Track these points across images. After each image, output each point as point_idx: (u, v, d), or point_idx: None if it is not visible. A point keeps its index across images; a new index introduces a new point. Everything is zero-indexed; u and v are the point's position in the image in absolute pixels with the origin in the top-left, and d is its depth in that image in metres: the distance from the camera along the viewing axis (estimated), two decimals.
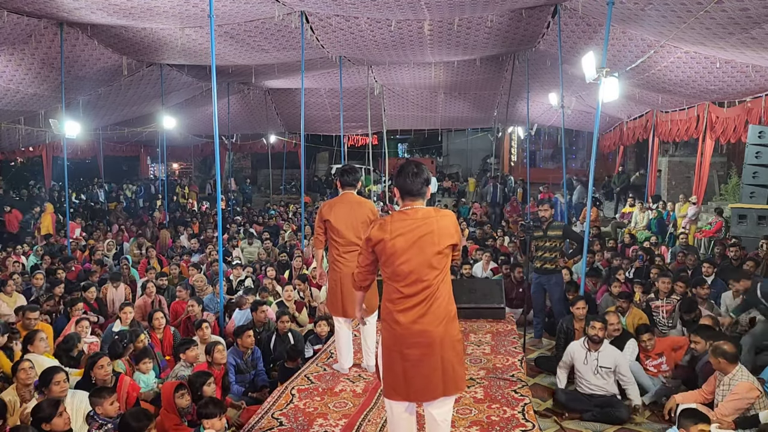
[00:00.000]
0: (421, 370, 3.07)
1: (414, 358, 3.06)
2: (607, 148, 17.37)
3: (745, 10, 5.62)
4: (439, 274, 3.08)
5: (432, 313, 3.06)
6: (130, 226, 14.51)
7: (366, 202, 4.84)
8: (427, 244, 3.03)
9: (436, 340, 3.06)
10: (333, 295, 4.79)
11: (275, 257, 10.32)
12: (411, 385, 3.08)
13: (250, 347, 5.47)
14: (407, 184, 3.08)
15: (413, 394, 3.11)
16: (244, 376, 5.41)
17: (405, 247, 3.03)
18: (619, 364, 5.02)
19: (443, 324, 3.08)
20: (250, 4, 7.98)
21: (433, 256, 3.04)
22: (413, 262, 3.03)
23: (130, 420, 3.63)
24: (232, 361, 5.33)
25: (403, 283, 3.06)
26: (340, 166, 8.29)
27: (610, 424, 4.77)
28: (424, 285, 3.04)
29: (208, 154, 25.13)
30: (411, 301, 3.06)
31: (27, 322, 5.87)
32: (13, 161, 20.03)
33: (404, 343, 3.08)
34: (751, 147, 9.24)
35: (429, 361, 3.06)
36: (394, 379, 3.13)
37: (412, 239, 3.03)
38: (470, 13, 8.60)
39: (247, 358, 5.45)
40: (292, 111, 18.64)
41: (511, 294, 7.81)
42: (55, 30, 8.98)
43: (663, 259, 9.25)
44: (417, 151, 29.44)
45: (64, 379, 4.13)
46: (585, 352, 5.07)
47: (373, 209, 4.77)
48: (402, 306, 3.08)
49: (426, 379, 3.07)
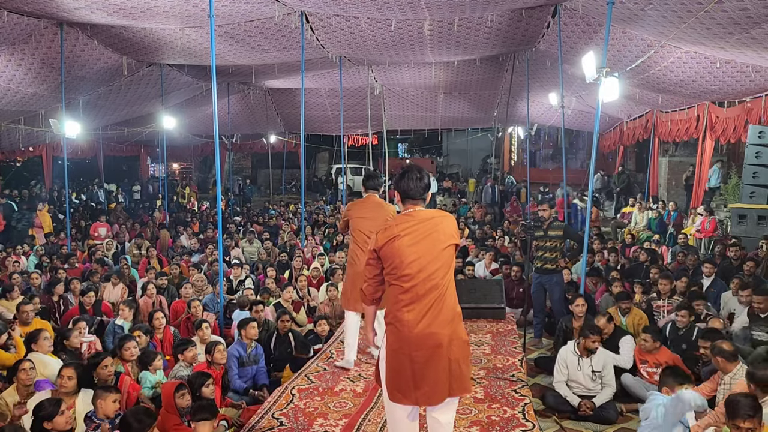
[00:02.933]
0: (429, 372, 3.05)
1: (422, 360, 3.05)
2: (607, 148, 17.38)
3: (745, 10, 5.62)
4: (447, 273, 3.10)
5: (441, 315, 3.06)
6: (131, 226, 14.52)
7: (387, 205, 5.21)
8: (433, 242, 3.06)
9: (444, 342, 3.06)
10: (350, 288, 5.05)
11: (275, 257, 10.32)
12: (419, 388, 3.07)
13: (253, 338, 5.52)
14: (410, 189, 3.13)
15: (422, 397, 3.09)
16: (246, 369, 5.40)
17: (412, 246, 3.05)
18: (607, 364, 5.02)
19: (451, 325, 3.09)
20: (250, 4, 7.98)
21: (440, 254, 3.06)
22: (422, 259, 3.05)
23: (131, 419, 3.61)
24: (235, 353, 5.34)
25: (411, 283, 3.05)
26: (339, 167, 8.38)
27: (600, 424, 4.78)
28: (434, 284, 3.05)
29: (208, 154, 25.16)
30: (420, 303, 3.05)
31: (23, 316, 5.89)
32: (13, 161, 20.01)
33: (412, 345, 3.05)
34: (751, 147, 9.24)
35: (437, 363, 3.05)
36: (402, 382, 3.09)
37: (418, 237, 3.06)
38: (470, 13, 8.60)
39: (251, 351, 5.46)
40: (292, 111, 18.64)
41: (511, 294, 7.81)
42: (55, 30, 8.98)
43: (663, 259, 9.26)
44: (417, 151, 29.45)
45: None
46: (577, 358, 5.04)
47: (392, 211, 5.07)
48: (410, 308, 3.06)
49: (434, 381, 3.06)
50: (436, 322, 3.05)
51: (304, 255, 9.66)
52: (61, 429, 3.60)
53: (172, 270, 9.24)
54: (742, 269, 7.28)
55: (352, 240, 5.13)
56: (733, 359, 4.33)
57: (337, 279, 7.58)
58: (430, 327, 3.05)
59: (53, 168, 17.97)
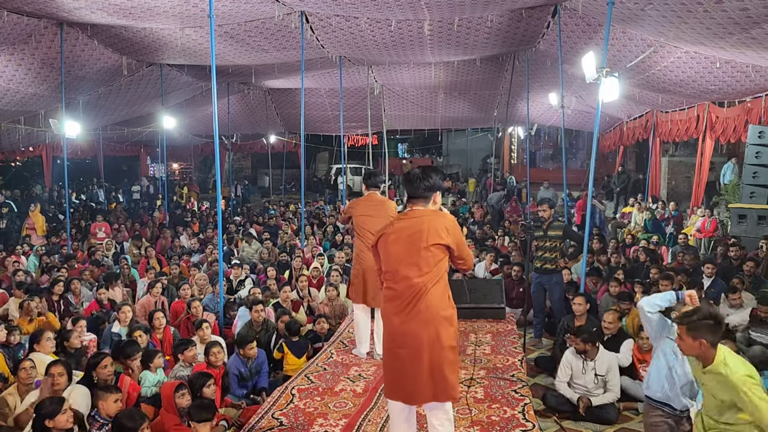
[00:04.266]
0: (409, 372, 3.08)
1: (403, 358, 3.09)
2: (607, 148, 17.38)
3: (745, 10, 5.62)
4: (427, 274, 3.07)
5: (419, 314, 3.06)
6: (130, 226, 14.52)
7: (389, 201, 5.32)
8: (413, 242, 3.08)
9: (423, 344, 3.06)
10: (356, 284, 5.16)
11: (275, 257, 10.32)
12: (402, 386, 3.11)
13: (252, 358, 5.36)
14: (410, 188, 3.20)
15: (405, 395, 3.13)
16: (246, 383, 5.32)
17: (393, 244, 3.13)
18: (612, 367, 5.02)
19: (433, 327, 3.06)
20: (250, 4, 7.98)
21: (418, 254, 3.06)
22: (398, 258, 3.11)
23: (123, 420, 3.63)
24: (235, 370, 5.21)
25: (391, 280, 3.15)
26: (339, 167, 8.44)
27: (600, 424, 4.78)
28: (409, 283, 3.07)
29: (208, 154, 25.16)
30: (400, 300, 3.11)
31: (29, 311, 5.89)
32: (13, 161, 20.02)
33: (395, 341, 3.14)
34: (751, 147, 9.24)
35: (416, 363, 3.06)
36: (390, 378, 3.19)
37: (401, 237, 3.12)
38: (470, 13, 8.60)
39: (251, 365, 5.35)
40: (292, 111, 18.64)
41: (511, 294, 7.81)
42: (55, 30, 8.98)
43: (662, 259, 9.25)
44: (417, 151, 29.44)
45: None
46: (581, 362, 5.05)
47: (393, 207, 5.19)
48: (393, 304, 3.15)
49: (413, 381, 3.07)
50: (413, 321, 3.07)
51: (304, 255, 9.65)
52: (62, 427, 3.61)
53: (172, 270, 9.24)
54: (742, 269, 7.28)
55: (357, 236, 5.22)
56: None
57: (336, 279, 7.57)
58: (405, 325, 3.08)
59: (53, 168, 17.98)
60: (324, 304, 7.27)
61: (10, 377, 4.85)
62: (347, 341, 5.85)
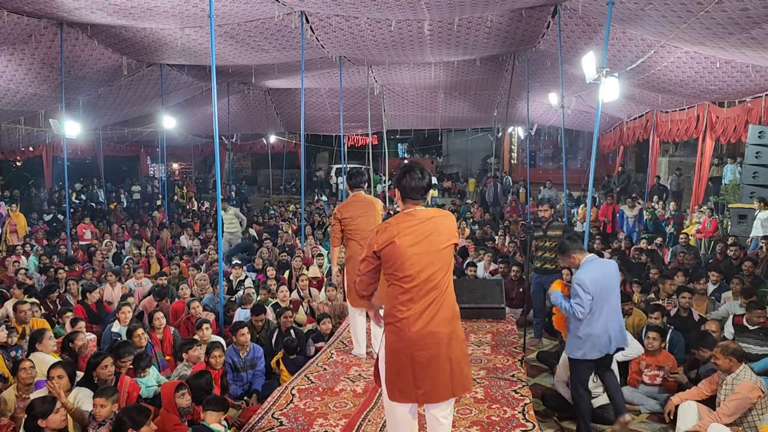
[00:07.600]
0: (430, 372, 3.05)
1: (423, 360, 3.04)
2: (607, 148, 17.38)
3: (745, 10, 5.62)
4: (447, 273, 3.10)
5: (441, 313, 3.06)
6: (130, 226, 14.50)
7: (374, 200, 5.31)
8: (432, 243, 3.05)
9: (443, 341, 3.06)
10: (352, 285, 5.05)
11: (275, 257, 10.31)
12: (420, 387, 3.07)
13: (245, 344, 5.45)
14: (411, 188, 3.09)
15: (422, 396, 3.09)
16: (240, 374, 5.38)
17: (413, 246, 3.02)
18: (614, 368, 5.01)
19: (450, 324, 3.10)
20: (250, 4, 7.98)
21: (439, 255, 3.06)
22: (423, 260, 3.02)
23: (125, 417, 3.62)
24: (228, 360, 5.29)
25: (413, 283, 3.03)
26: (338, 167, 8.44)
27: (600, 424, 4.78)
28: (434, 284, 3.04)
29: (208, 154, 25.14)
30: (420, 303, 3.04)
31: (21, 315, 5.89)
32: (13, 161, 20.01)
33: (414, 345, 3.04)
34: (751, 147, 9.25)
35: (438, 362, 3.05)
36: (403, 382, 3.09)
37: (418, 238, 3.04)
38: (470, 13, 8.60)
39: (245, 356, 5.42)
40: (292, 111, 18.65)
41: (511, 294, 7.81)
42: (55, 30, 8.98)
43: (662, 259, 9.25)
44: (417, 151, 29.42)
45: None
46: None
47: (380, 204, 5.27)
48: (410, 308, 3.04)
49: (435, 381, 3.06)
50: (434, 321, 3.05)
51: (303, 255, 9.65)
52: (55, 427, 3.60)
53: (172, 270, 9.24)
54: (742, 269, 7.27)
55: (349, 237, 5.11)
56: (741, 359, 4.33)
57: (336, 279, 7.57)
58: (428, 326, 3.04)
59: (53, 168, 17.97)
60: (323, 304, 7.27)
61: (10, 378, 4.85)
62: (347, 341, 5.85)
